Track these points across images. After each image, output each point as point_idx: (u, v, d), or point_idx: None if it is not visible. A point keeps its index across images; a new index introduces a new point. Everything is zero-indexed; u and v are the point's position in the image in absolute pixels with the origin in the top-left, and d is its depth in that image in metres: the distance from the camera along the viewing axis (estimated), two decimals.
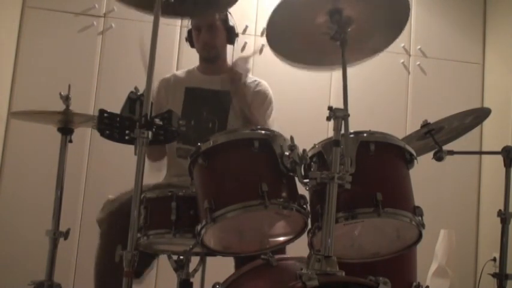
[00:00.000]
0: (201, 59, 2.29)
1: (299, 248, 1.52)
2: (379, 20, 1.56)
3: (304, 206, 1.40)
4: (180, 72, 2.37)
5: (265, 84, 2.26)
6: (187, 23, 2.32)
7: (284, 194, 1.38)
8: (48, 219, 1.92)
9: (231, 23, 2.23)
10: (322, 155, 1.41)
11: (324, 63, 1.76)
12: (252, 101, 2.19)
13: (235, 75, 2.14)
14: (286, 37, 1.59)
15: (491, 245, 3.24)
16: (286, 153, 1.39)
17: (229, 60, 2.29)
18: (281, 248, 1.65)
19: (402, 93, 3.49)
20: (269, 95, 2.24)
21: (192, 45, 2.28)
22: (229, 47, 2.27)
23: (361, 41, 1.60)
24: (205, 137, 1.46)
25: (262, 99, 2.22)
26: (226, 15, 2.22)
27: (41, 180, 2.87)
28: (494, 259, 2.97)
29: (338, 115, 1.34)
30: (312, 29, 1.54)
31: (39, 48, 3.16)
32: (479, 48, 3.60)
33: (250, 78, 2.29)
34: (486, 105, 3.45)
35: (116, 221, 1.89)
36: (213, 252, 1.53)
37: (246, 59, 2.21)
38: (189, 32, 2.27)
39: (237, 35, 2.25)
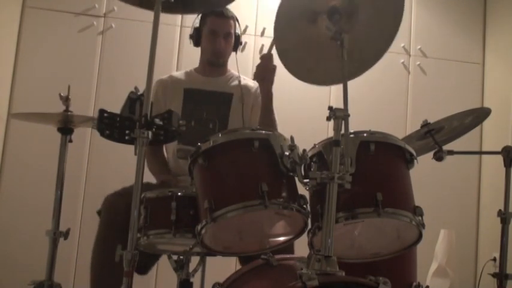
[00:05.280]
0: (205, 62, 2.28)
1: (299, 248, 1.53)
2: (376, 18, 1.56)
3: (304, 206, 1.40)
4: (178, 74, 2.37)
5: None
6: (190, 22, 2.32)
7: (284, 194, 1.38)
8: (48, 219, 1.92)
9: (237, 31, 2.26)
10: (322, 155, 1.41)
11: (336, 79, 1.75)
12: (253, 104, 2.23)
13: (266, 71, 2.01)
14: (295, 52, 1.60)
15: (491, 245, 3.24)
16: (286, 153, 1.39)
17: (229, 64, 2.30)
18: (289, 247, 1.64)
19: (402, 93, 3.49)
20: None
21: (196, 44, 2.27)
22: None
23: (361, 49, 1.60)
24: (206, 138, 1.46)
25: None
26: (235, 23, 2.24)
27: (41, 180, 2.87)
28: (494, 259, 2.97)
29: (338, 115, 1.34)
30: (319, 40, 1.54)
31: (39, 48, 3.16)
32: (479, 48, 3.60)
33: (250, 80, 2.30)
34: (486, 105, 3.45)
35: (116, 207, 1.90)
36: (213, 252, 1.53)
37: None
38: (196, 29, 2.24)
39: (241, 43, 2.29)
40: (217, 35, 2.19)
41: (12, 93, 3.10)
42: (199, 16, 2.24)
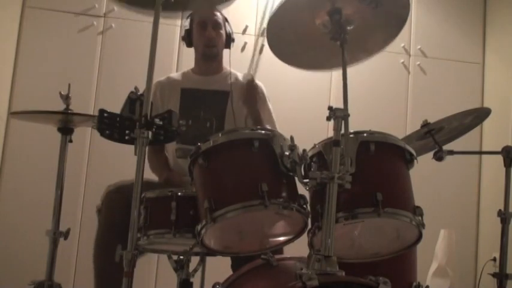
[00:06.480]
0: (199, 57, 2.30)
1: (299, 248, 1.52)
2: (379, 18, 1.56)
3: (304, 206, 1.40)
4: (175, 75, 2.40)
5: (258, 83, 2.29)
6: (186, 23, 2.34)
7: (284, 194, 1.38)
8: (48, 219, 1.92)
9: (228, 29, 2.29)
10: (322, 155, 1.41)
11: (323, 65, 1.77)
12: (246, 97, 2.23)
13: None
14: (286, 39, 1.60)
15: (491, 245, 3.24)
16: (286, 153, 1.39)
17: (226, 62, 2.31)
18: (279, 248, 1.65)
19: (402, 93, 3.49)
20: (264, 92, 2.28)
21: (189, 45, 2.29)
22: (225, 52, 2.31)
23: (361, 41, 1.60)
24: (204, 137, 1.46)
25: (258, 96, 2.25)
26: (225, 21, 2.28)
27: (41, 180, 2.87)
28: (494, 259, 2.97)
29: (338, 115, 1.34)
30: (312, 30, 1.54)
31: (39, 48, 3.16)
32: (479, 48, 3.60)
33: (243, 75, 2.32)
34: (486, 105, 3.45)
35: (115, 201, 1.92)
36: (213, 252, 1.53)
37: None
38: (187, 31, 2.28)
39: (233, 40, 2.31)
40: (206, 25, 2.22)
41: (12, 93, 3.10)
42: (189, 18, 2.28)
